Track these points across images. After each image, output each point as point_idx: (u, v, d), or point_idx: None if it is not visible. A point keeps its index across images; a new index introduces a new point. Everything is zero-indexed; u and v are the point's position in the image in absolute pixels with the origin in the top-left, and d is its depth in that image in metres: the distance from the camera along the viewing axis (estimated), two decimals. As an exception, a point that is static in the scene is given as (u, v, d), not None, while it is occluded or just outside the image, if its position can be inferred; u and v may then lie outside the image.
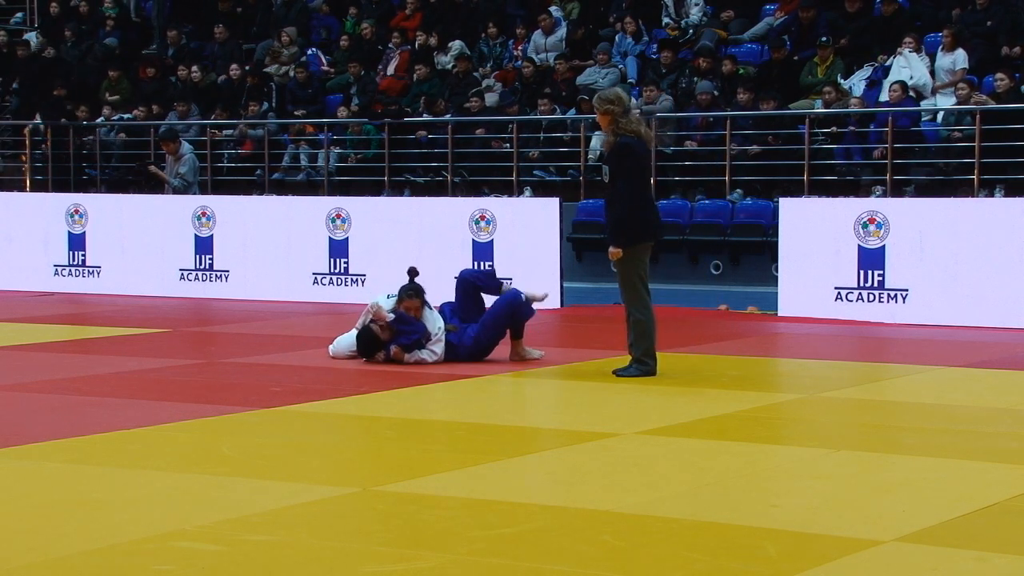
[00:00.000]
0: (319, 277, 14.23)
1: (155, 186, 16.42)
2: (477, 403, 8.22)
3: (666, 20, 17.32)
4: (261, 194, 16.32)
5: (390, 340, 9.39)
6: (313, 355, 10.33)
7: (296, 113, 17.66)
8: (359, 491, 5.80)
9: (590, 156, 15.49)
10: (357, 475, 6.13)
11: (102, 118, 18.49)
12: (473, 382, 8.90)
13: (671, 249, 14.24)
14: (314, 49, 19.03)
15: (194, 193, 15.71)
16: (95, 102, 18.84)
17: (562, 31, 17.51)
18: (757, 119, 14.88)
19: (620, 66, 16.68)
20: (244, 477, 6.09)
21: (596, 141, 15.36)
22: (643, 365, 8.82)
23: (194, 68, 18.40)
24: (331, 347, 9.87)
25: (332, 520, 5.38)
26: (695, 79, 15.62)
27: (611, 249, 8.83)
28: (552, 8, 17.82)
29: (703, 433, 7.10)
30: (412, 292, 9.44)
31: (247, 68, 18.48)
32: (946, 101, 14.42)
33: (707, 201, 14.61)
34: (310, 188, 16.65)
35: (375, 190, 16.14)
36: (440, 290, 10.33)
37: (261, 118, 17.43)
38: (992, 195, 13.17)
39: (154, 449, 6.80)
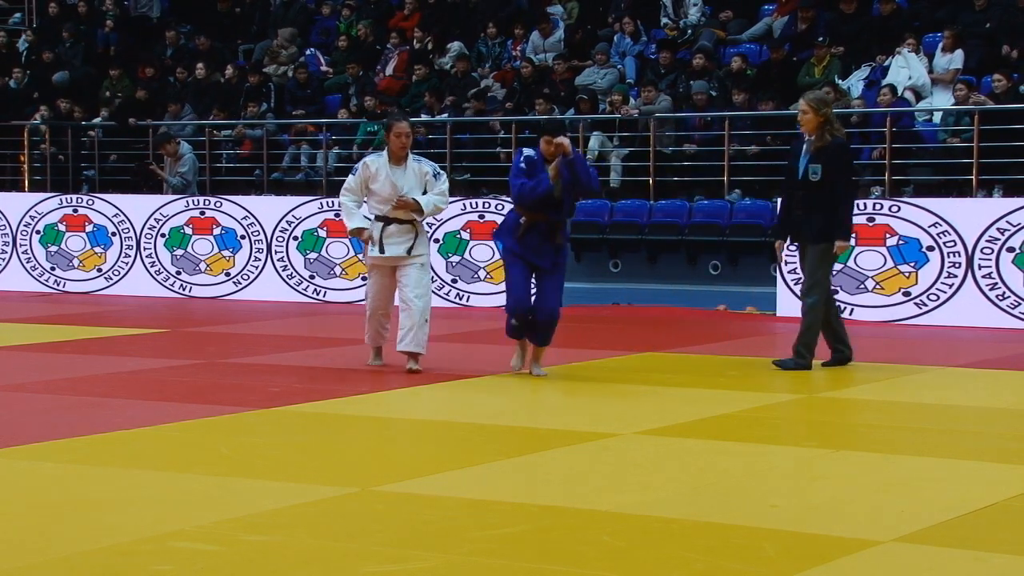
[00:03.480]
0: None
1: (155, 185, 16.44)
2: (476, 403, 8.22)
3: (665, 20, 17.32)
4: (260, 194, 16.32)
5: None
6: (312, 355, 10.34)
7: (295, 113, 17.66)
8: (358, 491, 5.80)
9: (589, 156, 15.48)
10: (356, 475, 6.13)
11: (99, 119, 18.49)
12: (472, 382, 8.90)
13: (669, 249, 14.25)
14: (312, 49, 19.03)
15: (192, 193, 15.73)
16: (93, 102, 18.83)
17: (560, 31, 17.51)
18: (755, 119, 14.88)
19: (619, 66, 16.69)
20: (243, 477, 6.09)
21: (595, 141, 15.37)
22: (801, 359, 9.26)
23: (199, 66, 18.40)
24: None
25: (331, 520, 5.38)
26: (690, 81, 15.62)
27: (840, 244, 9.25)
28: (551, 8, 17.82)
29: (702, 433, 7.10)
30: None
31: (245, 68, 18.48)
32: (943, 100, 14.42)
33: (706, 201, 14.62)
34: (309, 188, 16.65)
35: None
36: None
37: (260, 118, 17.44)
38: (991, 195, 13.19)
39: (153, 449, 6.81)
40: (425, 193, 9.27)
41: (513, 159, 9.16)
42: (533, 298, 9.10)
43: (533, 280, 9.10)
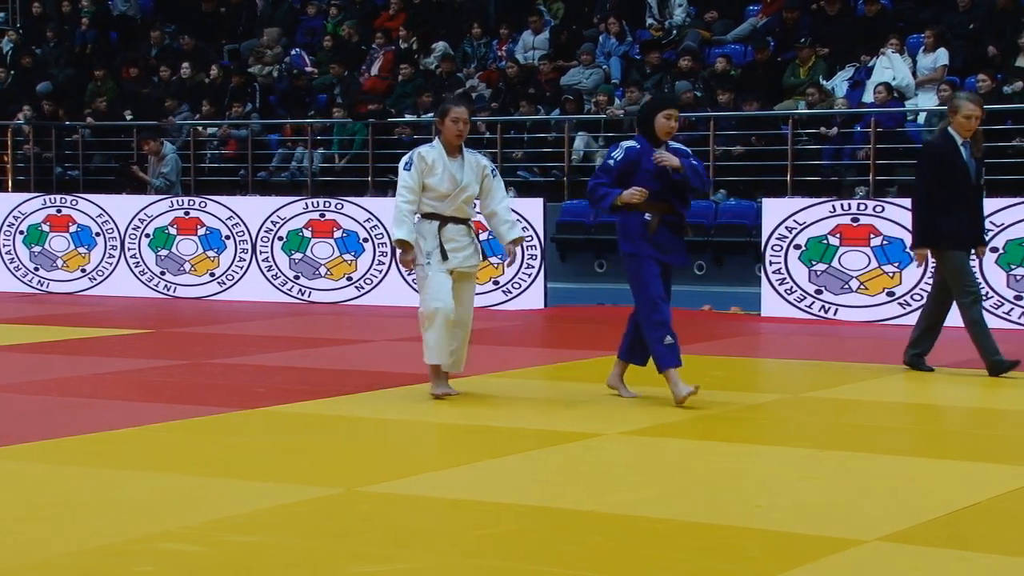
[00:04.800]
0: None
1: (138, 187, 16.40)
2: (461, 404, 8.22)
3: (650, 21, 17.36)
4: (245, 194, 16.30)
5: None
6: (297, 356, 10.33)
7: (280, 113, 17.66)
8: (344, 491, 5.80)
9: (574, 156, 15.51)
10: (342, 476, 6.13)
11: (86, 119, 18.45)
12: (456, 383, 8.90)
13: (655, 249, 14.26)
14: (298, 49, 19.02)
15: (176, 193, 15.70)
16: (77, 102, 18.79)
17: (546, 31, 17.53)
18: (740, 120, 14.91)
19: (604, 67, 16.71)
20: (228, 478, 6.08)
21: (580, 142, 15.38)
22: (998, 360, 8.97)
23: (184, 66, 18.37)
24: None
25: (317, 521, 5.37)
26: (675, 82, 15.65)
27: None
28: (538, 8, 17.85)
29: (687, 433, 7.11)
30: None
31: (230, 68, 18.46)
32: (927, 100, 14.47)
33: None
34: (294, 188, 16.63)
35: (359, 190, 16.14)
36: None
37: (245, 118, 17.41)
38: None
39: (138, 450, 6.79)
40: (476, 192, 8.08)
41: (607, 152, 8.13)
42: None
43: None
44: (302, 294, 14.56)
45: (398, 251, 8.11)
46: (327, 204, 14.63)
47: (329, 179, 16.75)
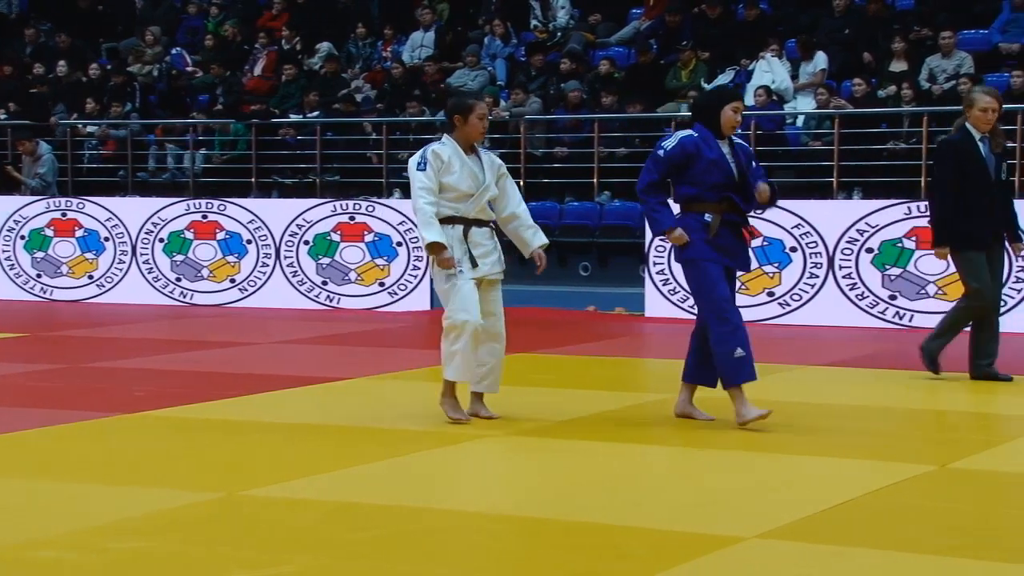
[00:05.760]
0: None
1: (13, 187, 16.03)
2: (347, 406, 8.17)
3: (534, 23, 17.42)
4: (124, 195, 16.03)
5: None
6: (178, 359, 10.18)
7: (160, 113, 17.39)
8: (225, 496, 5.73)
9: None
10: (224, 480, 6.05)
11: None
12: (345, 384, 8.85)
13: (540, 251, 14.33)
14: (178, 49, 18.76)
15: (52, 194, 15.39)
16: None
17: (432, 33, 17.51)
18: (624, 122, 15.05)
19: (489, 68, 16.74)
20: (107, 484, 5.97)
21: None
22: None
23: (60, 64, 17.99)
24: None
25: (199, 525, 5.30)
26: (561, 84, 15.73)
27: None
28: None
29: (573, 434, 7.15)
30: None
31: (108, 67, 18.14)
32: (806, 104, 14.74)
33: (576, 203, 14.74)
34: (175, 189, 16.40)
35: (242, 191, 15.97)
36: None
37: (124, 118, 17.12)
38: (851, 197, 13.52)
39: (12, 456, 6.64)
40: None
41: (657, 144, 7.38)
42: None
43: None
44: (184, 296, 14.36)
45: (433, 256, 7.23)
46: (209, 205, 14.45)
47: (212, 180, 16.54)
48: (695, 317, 7.47)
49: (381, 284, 13.71)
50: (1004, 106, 13.17)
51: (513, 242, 7.58)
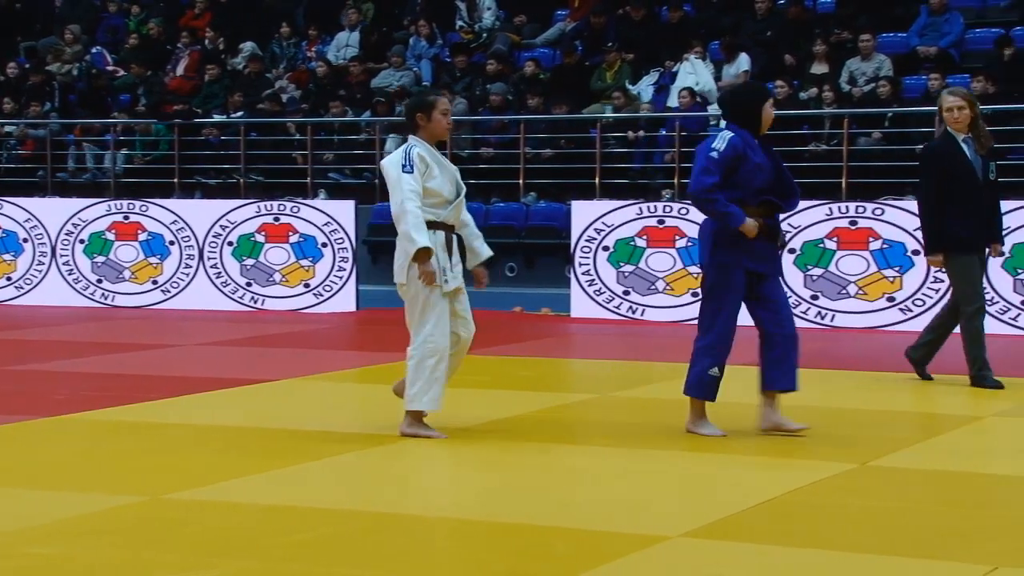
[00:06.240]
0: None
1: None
2: (274, 408, 8.12)
3: (459, 24, 17.42)
4: (44, 196, 15.80)
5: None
6: (100, 361, 10.06)
7: (80, 112, 17.17)
8: (149, 499, 5.67)
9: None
10: (147, 483, 5.99)
11: None
12: (267, 387, 8.80)
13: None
14: (99, 48, 18.53)
15: (-29, 195, 15.13)
16: None
17: (357, 33, 17.45)
18: (550, 123, 15.09)
19: (415, 69, 16.71)
20: (26, 488, 5.89)
21: (391, 143, 15.34)
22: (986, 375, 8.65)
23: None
24: None
25: (121, 530, 5.24)
26: (487, 85, 15.75)
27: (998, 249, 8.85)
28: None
29: (498, 434, 7.16)
30: None
31: (26, 66, 17.88)
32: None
33: (502, 204, 14.76)
34: (96, 190, 16.19)
35: (165, 192, 15.81)
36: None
37: (43, 118, 16.88)
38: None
39: (-70, 462, 6.53)
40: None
41: (704, 145, 6.98)
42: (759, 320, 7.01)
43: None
44: (105, 298, 14.19)
45: (418, 264, 6.75)
46: (131, 206, 14.30)
47: (133, 180, 16.35)
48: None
49: (306, 285, 13.64)
50: (923, 108, 13.49)
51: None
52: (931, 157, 8.70)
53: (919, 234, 11.69)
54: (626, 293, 12.58)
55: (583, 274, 12.74)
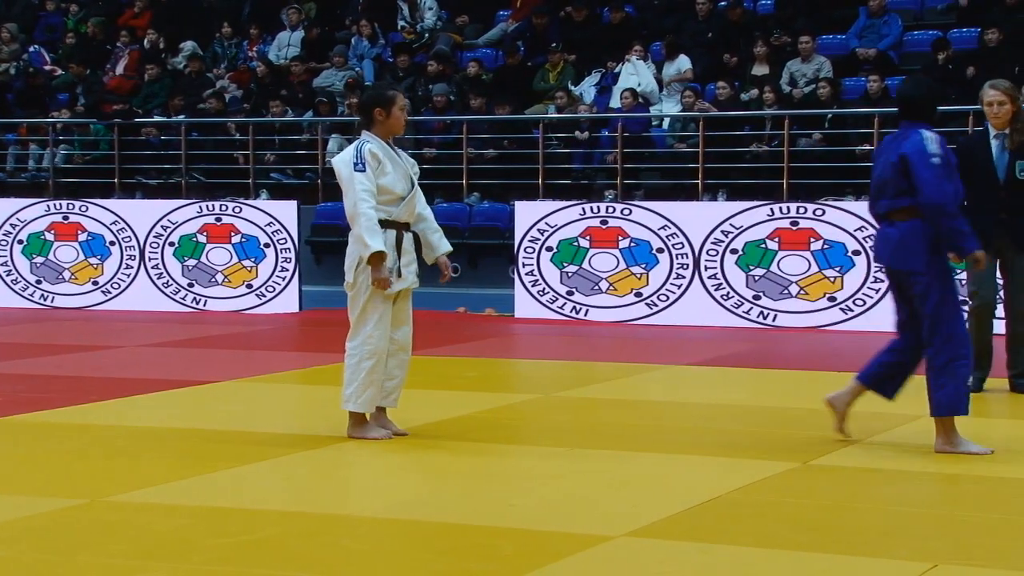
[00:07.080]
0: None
1: None
2: (215, 409, 8.06)
3: (401, 24, 17.39)
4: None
5: None
6: (38, 363, 9.93)
7: (17, 111, 16.96)
8: (88, 502, 5.60)
9: (327, 159, 15.38)
10: (86, 486, 5.92)
11: None
12: (213, 388, 8.73)
13: (409, 252, 14.30)
14: (36, 46, 18.32)
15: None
16: None
17: (299, 33, 17.36)
18: (492, 123, 15.09)
19: (357, 69, 16.66)
20: (-37, 493, 5.80)
21: (333, 144, 15.28)
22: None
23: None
24: None
25: (59, 533, 5.18)
26: (430, 85, 15.73)
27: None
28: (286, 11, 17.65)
29: (442, 435, 7.15)
30: None
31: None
32: (671, 106, 14.95)
33: (445, 204, 14.73)
34: (34, 190, 16.00)
35: (105, 192, 15.65)
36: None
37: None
38: (716, 199, 13.74)
39: None
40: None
41: (927, 148, 6.32)
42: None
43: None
44: (45, 299, 14.03)
45: (371, 268, 6.63)
46: (71, 206, 14.14)
47: (73, 180, 16.17)
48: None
49: (249, 286, 13.54)
50: (862, 109, 13.60)
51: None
52: (957, 153, 8.05)
53: (859, 234, 11.89)
54: (570, 293, 12.60)
55: (527, 274, 12.74)
